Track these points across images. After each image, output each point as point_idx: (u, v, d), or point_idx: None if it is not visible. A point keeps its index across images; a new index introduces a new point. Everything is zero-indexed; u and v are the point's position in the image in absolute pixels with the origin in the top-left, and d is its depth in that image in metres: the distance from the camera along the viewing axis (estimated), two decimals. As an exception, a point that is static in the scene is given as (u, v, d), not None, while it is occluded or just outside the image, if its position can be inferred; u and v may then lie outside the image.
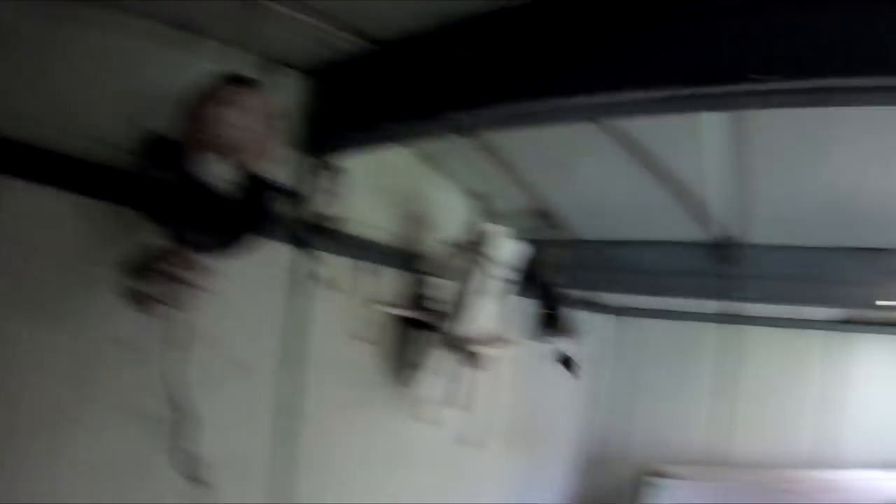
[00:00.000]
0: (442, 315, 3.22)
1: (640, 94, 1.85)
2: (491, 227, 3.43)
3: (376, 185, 3.06)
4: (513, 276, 3.73)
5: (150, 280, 1.94)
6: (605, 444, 6.61)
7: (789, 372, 6.35)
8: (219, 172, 1.97)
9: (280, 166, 2.38)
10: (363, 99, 2.54)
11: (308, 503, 2.76)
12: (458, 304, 3.23)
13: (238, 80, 2.00)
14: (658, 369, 6.68)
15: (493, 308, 3.48)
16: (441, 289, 3.26)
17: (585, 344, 5.90)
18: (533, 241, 4.10)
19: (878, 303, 3.98)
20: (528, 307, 4.29)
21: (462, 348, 3.27)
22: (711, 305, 5.86)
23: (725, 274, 4.11)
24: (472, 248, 3.33)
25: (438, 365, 3.25)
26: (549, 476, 5.93)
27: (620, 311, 6.71)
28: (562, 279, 4.25)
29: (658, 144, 2.96)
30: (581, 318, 5.62)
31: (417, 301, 3.23)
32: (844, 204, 3.42)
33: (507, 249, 3.58)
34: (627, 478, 5.83)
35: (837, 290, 4.06)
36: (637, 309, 6.64)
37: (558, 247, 4.21)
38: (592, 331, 6.42)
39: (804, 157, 2.95)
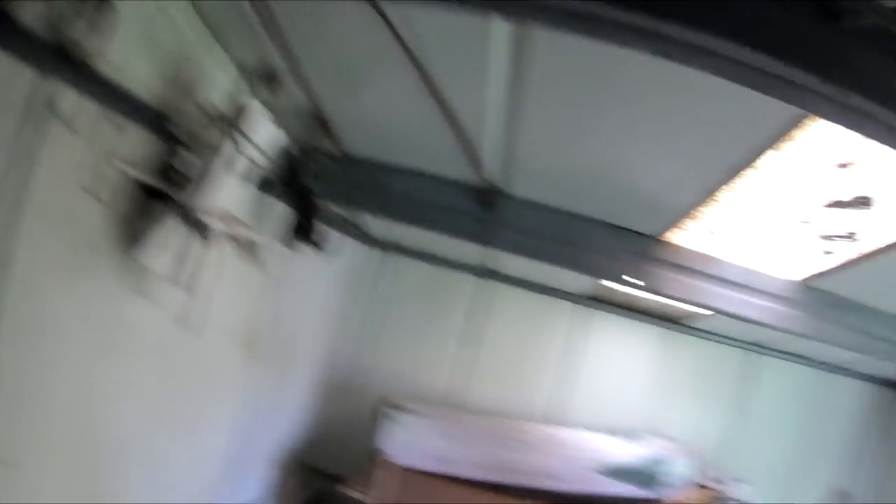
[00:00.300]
0: (183, 186, 2.86)
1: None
2: (254, 107, 3.09)
3: (147, 35, 2.56)
4: (268, 165, 3.42)
5: None
6: (349, 372, 6.64)
7: (535, 334, 6.85)
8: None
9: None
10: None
11: (7, 372, 2.29)
12: (202, 177, 2.88)
13: None
14: (412, 309, 6.81)
15: (239, 189, 3.17)
16: (188, 158, 2.88)
17: (338, 264, 5.83)
18: (299, 143, 3.81)
19: (624, 277, 4.29)
20: (282, 210, 4.01)
21: (198, 224, 2.97)
22: (473, 257, 6.05)
23: (486, 219, 4.15)
24: (230, 122, 2.98)
25: (171, 239, 2.89)
26: (288, 392, 5.79)
27: (385, 246, 6.69)
28: (323, 191, 4.01)
29: (443, 73, 2.77)
30: (342, 241, 5.50)
31: (160, 167, 2.82)
32: (610, 179, 3.52)
33: (267, 136, 3.24)
34: (366, 407, 5.88)
35: (588, 259, 4.30)
36: (402, 247, 6.66)
37: (325, 157, 3.96)
38: (352, 257, 6.34)
39: (581, 121, 2.92)
